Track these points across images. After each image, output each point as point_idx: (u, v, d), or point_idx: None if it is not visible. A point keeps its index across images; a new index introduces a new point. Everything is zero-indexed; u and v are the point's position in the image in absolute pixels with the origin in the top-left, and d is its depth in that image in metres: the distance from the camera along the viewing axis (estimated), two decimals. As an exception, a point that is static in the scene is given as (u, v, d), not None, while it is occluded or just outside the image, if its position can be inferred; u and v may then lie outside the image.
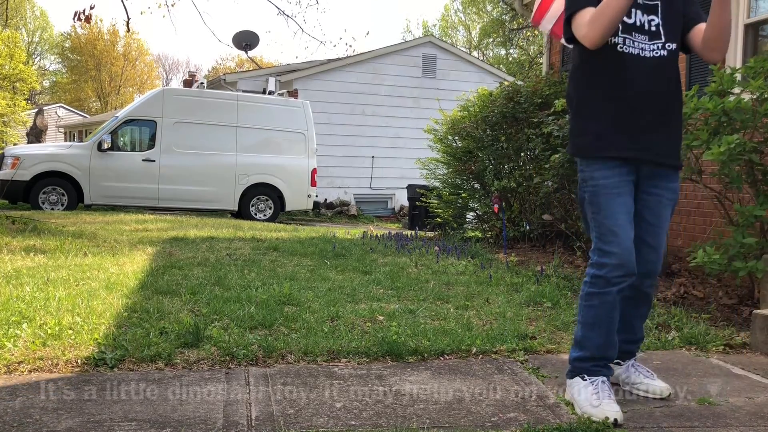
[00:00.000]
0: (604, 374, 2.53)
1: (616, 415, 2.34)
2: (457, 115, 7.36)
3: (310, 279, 4.60)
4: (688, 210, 5.58)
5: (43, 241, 5.90)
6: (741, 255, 3.75)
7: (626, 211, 2.48)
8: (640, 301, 2.67)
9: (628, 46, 2.49)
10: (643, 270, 2.56)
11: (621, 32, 2.49)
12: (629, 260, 2.45)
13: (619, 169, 2.49)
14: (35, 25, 45.98)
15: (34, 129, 22.73)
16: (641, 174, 2.54)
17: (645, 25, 2.53)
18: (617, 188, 2.48)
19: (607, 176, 2.49)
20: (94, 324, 3.23)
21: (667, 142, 2.55)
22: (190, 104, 12.15)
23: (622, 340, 2.67)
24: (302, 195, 12.72)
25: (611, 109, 2.50)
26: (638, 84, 2.48)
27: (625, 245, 2.45)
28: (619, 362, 2.73)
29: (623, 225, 2.46)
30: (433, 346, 3.12)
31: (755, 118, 3.87)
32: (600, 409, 2.37)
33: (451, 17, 41.52)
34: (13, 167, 11.00)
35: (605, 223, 2.48)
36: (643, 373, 2.69)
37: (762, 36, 5.43)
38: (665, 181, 2.57)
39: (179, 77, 51.35)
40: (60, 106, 38.14)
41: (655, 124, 2.50)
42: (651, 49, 2.51)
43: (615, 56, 2.49)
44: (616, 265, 2.45)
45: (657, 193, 2.57)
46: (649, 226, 2.58)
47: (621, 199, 2.48)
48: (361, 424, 2.28)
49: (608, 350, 2.55)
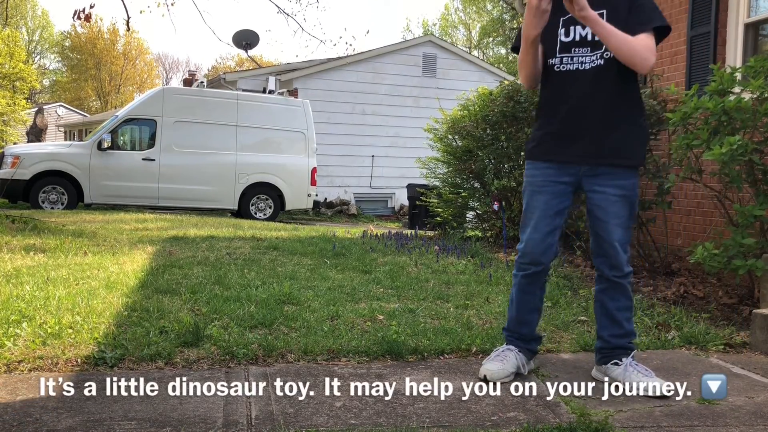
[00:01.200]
0: (514, 344, 2.87)
1: (486, 372, 2.73)
2: (457, 115, 7.35)
3: (310, 278, 4.60)
4: (688, 209, 5.58)
5: (43, 240, 5.90)
6: (741, 254, 3.75)
7: (542, 207, 2.77)
8: (616, 292, 2.80)
9: (566, 64, 2.72)
10: (606, 263, 2.79)
11: (558, 53, 2.73)
12: (533, 251, 2.78)
13: (546, 170, 2.78)
14: (35, 24, 45.97)
15: (34, 128, 22.72)
16: (583, 175, 2.76)
17: (587, 37, 2.70)
18: (540, 187, 2.79)
19: (534, 175, 2.82)
20: (94, 323, 3.23)
21: (609, 144, 2.72)
22: (190, 103, 12.14)
23: (611, 335, 2.80)
24: (302, 194, 12.72)
25: (549, 121, 2.80)
26: (573, 98, 2.71)
27: (530, 237, 2.78)
28: (617, 362, 2.77)
29: (535, 218, 2.77)
30: (433, 346, 3.12)
31: (755, 118, 3.87)
32: (482, 367, 2.77)
33: (451, 16, 41.53)
34: (13, 166, 10.99)
35: (524, 215, 2.84)
36: (642, 372, 2.72)
37: (762, 35, 5.43)
38: (610, 179, 2.74)
39: (179, 76, 51.36)
40: (60, 105, 38.13)
41: (593, 129, 2.71)
42: (591, 60, 2.70)
43: (553, 76, 2.77)
44: (523, 253, 2.82)
45: (601, 191, 2.74)
46: (599, 221, 2.77)
47: (539, 197, 2.78)
48: (360, 423, 2.28)
49: (520, 327, 2.89)
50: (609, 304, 2.81)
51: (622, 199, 2.74)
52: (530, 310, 2.90)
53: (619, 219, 2.75)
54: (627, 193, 2.75)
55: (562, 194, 2.78)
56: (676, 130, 4.56)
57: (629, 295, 2.83)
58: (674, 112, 4.21)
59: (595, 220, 2.77)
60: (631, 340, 2.83)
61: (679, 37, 5.86)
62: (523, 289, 2.85)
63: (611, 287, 2.80)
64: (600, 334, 2.86)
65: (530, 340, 2.92)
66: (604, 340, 2.83)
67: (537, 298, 2.90)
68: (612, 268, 2.78)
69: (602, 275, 2.81)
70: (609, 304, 2.81)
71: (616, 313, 2.80)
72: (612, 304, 2.81)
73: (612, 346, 2.79)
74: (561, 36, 2.72)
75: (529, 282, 2.84)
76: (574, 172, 2.75)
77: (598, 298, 2.88)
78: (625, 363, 2.75)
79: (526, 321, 2.89)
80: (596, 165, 2.72)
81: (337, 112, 16.69)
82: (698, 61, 5.58)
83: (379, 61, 17.34)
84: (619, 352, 2.78)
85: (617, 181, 2.73)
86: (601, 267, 2.81)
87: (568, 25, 2.72)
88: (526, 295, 2.86)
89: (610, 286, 2.80)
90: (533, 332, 2.93)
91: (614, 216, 2.74)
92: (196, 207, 12.13)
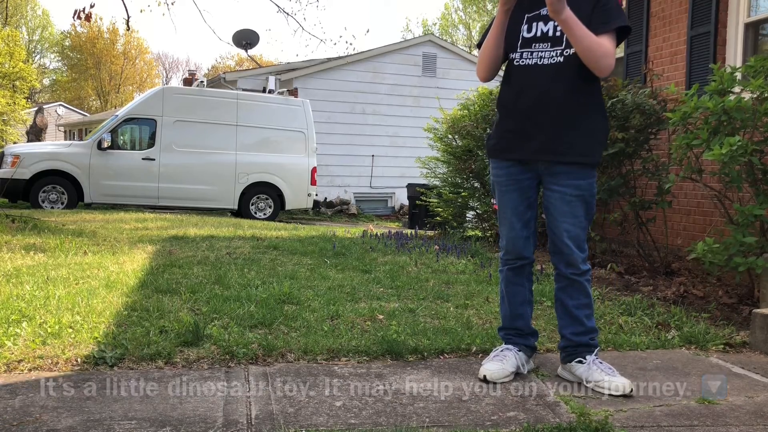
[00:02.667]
0: (513, 342, 2.89)
1: (485, 372, 2.74)
2: (457, 114, 7.36)
3: (310, 278, 4.60)
4: (688, 209, 5.58)
5: (42, 239, 5.90)
6: (741, 253, 3.75)
7: (512, 205, 2.84)
8: (574, 290, 2.81)
9: (525, 59, 2.74)
10: (562, 260, 2.81)
11: (519, 47, 2.76)
12: (513, 246, 2.86)
13: (509, 169, 2.83)
14: (35, 24, 45.96)
15: (34, 127, 22.72)
16: (541, 172, 2.79)
17: (549, 32, 2.72)
18: (506, 186, 2.85)
19: (499, 175, 2.87)
20: (94, 323, 3.23)
21: (566, 141, 2.71)
22: (190, 103, 12.14)
23: (572, 333, 2.81)
24: (302, 194, 12.72)
25: (507, 117, 2.82)
26: (531, 93, 2.72)
27: (508, 234, 2.87)
28: (581, 360, 2.76)
29: (509, 217, 2.85)
30: (433, 345, 3.12)
31: (755, 118, 3.87)
32: (481, 368, 2.77)
33: (451, 16, 41.53)
34: (13, 166, 11.00)
35: (498, 213, 2.91)
36: (605, 371, 2.71)
37: (762, 35, 5.43)
38: (567, 178, 2.74)
39: (179, 76, 51.36)
40: (60, 104, 38.13)
41: (549, 126, 2.70)
42: (550, 56, 2.71)
43: (513, 70, 2.80)
44: (506, 250, 2.91)
45: (558, 189, 2.75)
46: (554, 220, 2.79)
47: (508, 195, 2.84)
48: (360, 423, 2.28)
49: (515, 321, 2.92)
50: (568, 302, 2.81)
51: (578, 198, 2.73)
52: (521, 303, 2.92)
53: (575, 218, 2.75)
54: (583, 192, 2.74)
55: (528, 189, 2.83)
56: (676, 130, 4.56)
57: (588, 292, 2.82)
58: (674, 112, 4.21)
59: (551, 218, 2.79)
60: (594, 337, 2.83)
61: (679, 37, 5.86)
62: (511, 280, 2.90)
63: (569, 285, 2.80)
64: (562, 333, 2.85)
65: (527, 334, 2.92)
66: (566, 338, 2.83)
67: (526, 290, 2.93)
68: (568, 265, 2.78)
69: (560, 273, 2.83)
70: (568, 302, 2.81)
71: (575, 310, 2.80)
72: (571, 302, 2.80)
73: (575, 344, 2.79)
74: (524, 32, 2.74)
75: (515, 273, 2.90)
76: (533, 169, 2.79)
77: (557, 297, 2.87)
78: (588, 361, 2.75)
79: (520, 314, 2.91)
80: (554, 163, 2.73)
81: (337, 112, 16.70)
82: (698, 61, 5.58)
83: (379, 60, 17.34)
84: (582, 350, 2.78)
85: (574, 181, 2.73)
86: (558, 265, 2.82)
87: (531, 22, 2.75)
88: (514, 286, 2.90)
89: (569, 284, 2.80)
90: (529, 325, 2.94)
91: (570, 215, 2.74)
92: (196, 206, 12.14)
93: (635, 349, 3.29)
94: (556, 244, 2.80)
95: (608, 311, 3.90)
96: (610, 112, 5.12)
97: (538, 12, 2.73)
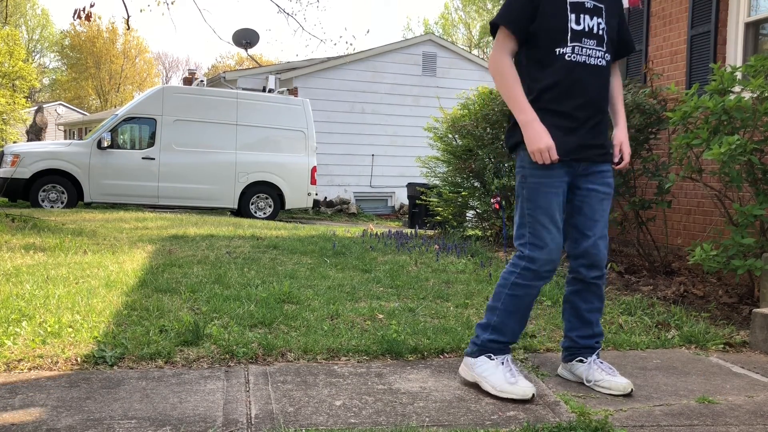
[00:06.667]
0: (508, 352, 2.68)
1: (533, 390, 2.52)
2: (457, 114, 7.35)
3: (309, 277, 4.60)
4: (688, 208, 5.58)
5: (42, 239, 5.90)
6: (740, 254, 3.75)
7: (556, 210, 2.61)
8: (590, 294, 2.74)
9: (578, 54, 2.59)
10: (585, 264, 2.69)
11: (570, 41, 2.58)
12: (558, 256, 2.61)
13: (558, 171, 2.60)
14: (35, 23, 45.93)
15: (34, 127, 22.74)
16: (578, 173, 2.65)
17: (594, 29, 2.63)
18: (550, 187, 2.59)
19: (543, 175, 2.60)
20: (94, 322, 3.23)
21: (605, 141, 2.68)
22: (190, 102, 12.14)
23: (579, 336, 2.76)
24: (302, 193, 12.72)
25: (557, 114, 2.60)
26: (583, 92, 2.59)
27: (551, 243, 2.58)
28: (582, 359, 2.75)
29: (549, 223, 2.58)
30: (433, 345, 3.12)
31: (755, 117, 3.87)
32: (518, 386, 2.52)
33: (452, 15, 41.52)
34: (13, 165, 11.00)
35: (535, 218, 2.60)
36: (605, 371, 2.71)
37: (762, 34, 5.43)
38: (602, 176, 2.69)
39: (179, 75, 51.32)
40: (60, 103, 38.14)
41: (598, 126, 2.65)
42: (596, 56, 2.62)
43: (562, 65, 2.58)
44: (548, 260, 2.58)
45: (594, 188, 2.67)
46: (588, 219, 2.68)
47: (555, 199, 2.60)
48: (360, 422, 2.28)
49: (519, 335, 2.73)
50: (581, 306, 2.74)
51: (608, 197, 2.71)
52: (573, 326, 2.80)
53: (605, 217, 2.71)
54: (611, 190, 2.74)
55: (566, 191, 2.66)
56: (676, 129, 4.56)
57: (603, 296, 2.77)
58: (674, 111, 4.21)
59: (583, 218, 2.67)
60: (599, 341, 2.80)
61: (680, 36, 5.86)
62: (535, 293, 2.66)
63: (585, 289, 2.73)
64: (568, 335, 2.81)
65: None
66: (572, 340, 2.79)
67: None
68: (592, 268, 2.69)
69: (577, 277, 2.73)
70: (581, 306, 2.74)
71: (588, 314, 2.75)
72: (584, 306, 2.74)
73: (580, 346, 2.77)
74: (572, 22, 2.57)
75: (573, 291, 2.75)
76: (573, 169, 2.64)
77: (569, 300, 2.79)
78: (589, 360, 2.73)
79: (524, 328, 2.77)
80: (596, 162, 2.66)
81: (337, 111, 16.69)
82: (698, 60, 5.58)
83: (379, 60, 17.33)
84: (585, 351, 2.76)
85: (607, 179, 2.70)
86: (579, 269, 2.71)
87: (578, 12, 2.59)
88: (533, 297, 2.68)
89: (585, 288, 2.73)
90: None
91: (602, 214, 2.68)
92: (196, 206, 12.14)
93: (635, 348, 3.29)
94: (584, 245, 2.67)
95: (608, 311, 3.90)
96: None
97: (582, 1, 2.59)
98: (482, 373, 2.60)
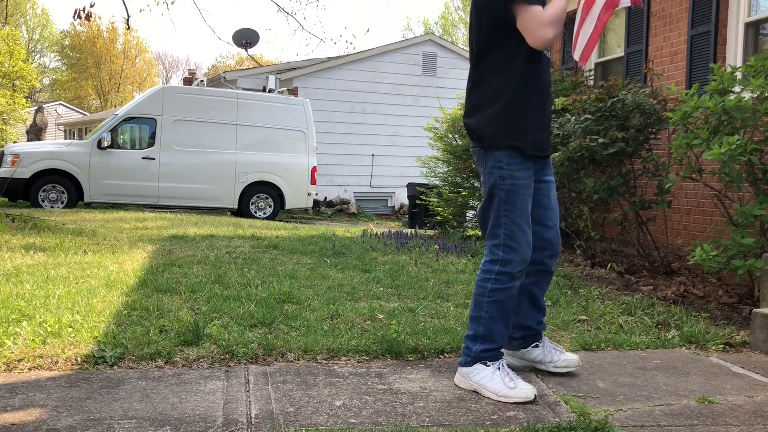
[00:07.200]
0: (501, 356, 2.68)
1: (534, 391, 2.54)
2: (457, 113, 7.36)
3: (309, 277, 4.60)
4: (689, 208, 5.58)
5: (42, 239, 5.90)
6: (740, 254, 3.75)
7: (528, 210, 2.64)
8: (545, 281, 2.85)
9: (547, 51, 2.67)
10: (549, 254, 2.77)
11: None
12: (530, 254, 2.65)
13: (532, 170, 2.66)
14: (35, 23, 45.91)
15: (34, 127, 22.74)
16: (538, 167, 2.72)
17: None
18: (526, 189, 2.63)
19: (524, 176, 2.62)
20: (94, 322, 3.23)
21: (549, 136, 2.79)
22: (190, 102, 12.14)
23: (537, 322, 2.86)
24: (302, 193, 12.72)
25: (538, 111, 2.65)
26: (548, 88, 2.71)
27: (526, 242, 2.63)
28: (537, 344, 2.85)
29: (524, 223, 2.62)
30: (433, 345, 3.12)
31: (755, 117, 3.87)
32: (519, 390, 2.53)
33: (452, 15, 41.53)
34: (13, 165, 11.00)
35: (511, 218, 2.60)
36: (558, 350, 2.85)
37: (762, 34, 5.43)
38: (551, 168, 2.81)
39: (179, 75, 51.32)
40: (60, 103, 38.13)
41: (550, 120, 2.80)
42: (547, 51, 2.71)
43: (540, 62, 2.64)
44: (521, 260, 2.61)
45: (548, 179, 2.78)
46: (547, 210, 2.76)
47: (528, 199, 2.64)
48: (360, 422, 2.28)
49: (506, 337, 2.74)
50: (538, 294, 2.83)
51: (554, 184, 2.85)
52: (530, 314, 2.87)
53: (557, 205, 2.85)
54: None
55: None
56: (677, 129, 4.56)
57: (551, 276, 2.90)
58: (674, 112, 4.21)
59: (544, 210, 2.75)
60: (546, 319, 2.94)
61: (680, 36, 5.86)
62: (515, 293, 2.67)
63: (543, 278, 2.82)
64: (525, 324, 2.83)
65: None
66: (529, 328, 2.84)
67: None
68: (553, 257, 2.79)
69: (542, 269, 2.78)
70: (538, 294, 2.83)
71: (541, 300, 2.86)
72: (539, 293, 2.84)
73: (536, 332, 2.85)
74: None
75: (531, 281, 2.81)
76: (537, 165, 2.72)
77: (528, 291, 2.79)
78: (543, 343, 2.85)
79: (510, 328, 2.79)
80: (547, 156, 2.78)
81: (337, 111, 16.69)
82: (698, 60, 5.58)
83: (379, 59, 17.33)
84: (538, 336, 2.86)
85: (551, 168, 2.83)
86: (544, 260, 2.76)
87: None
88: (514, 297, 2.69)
89: (543, 277, 2.81)
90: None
91: (555, 202, 2.82)
92: (196, 206, 12.14)
93: (635, 348, 3.29)
94: (546, 236, 2.75)
95: (608, 311, 3.90)
96: (610, 112, 5.13)
97: None
98: (480, 381, 2.60)
